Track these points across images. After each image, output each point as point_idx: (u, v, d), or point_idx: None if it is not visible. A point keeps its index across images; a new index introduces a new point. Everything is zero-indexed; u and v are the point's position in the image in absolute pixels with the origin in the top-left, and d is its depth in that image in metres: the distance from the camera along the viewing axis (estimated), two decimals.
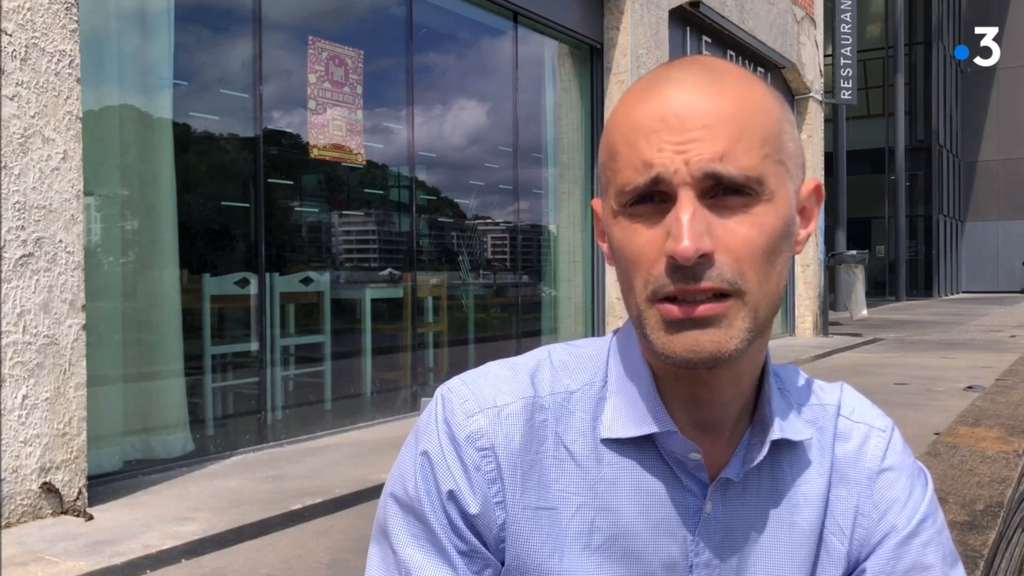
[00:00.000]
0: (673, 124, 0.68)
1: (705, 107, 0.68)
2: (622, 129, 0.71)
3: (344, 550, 3.36)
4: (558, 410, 0.78)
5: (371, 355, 6.12)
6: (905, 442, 0.85)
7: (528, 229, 7.88)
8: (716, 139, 0.67)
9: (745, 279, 0.68)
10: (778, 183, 0.70)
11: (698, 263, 0.66)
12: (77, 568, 2.97)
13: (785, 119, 0.73)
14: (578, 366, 0.81)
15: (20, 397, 3.38)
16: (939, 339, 12.50)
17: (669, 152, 0.67)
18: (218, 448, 4.83)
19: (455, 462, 0.75)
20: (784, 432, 0.78)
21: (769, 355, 0.80)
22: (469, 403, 0.77)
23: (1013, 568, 2.71)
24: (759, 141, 0.69)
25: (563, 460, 0.77)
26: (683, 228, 0.66)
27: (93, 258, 4.21)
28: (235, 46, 5.18)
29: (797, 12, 12.22)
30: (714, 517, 0.77)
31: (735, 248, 0.68)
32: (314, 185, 5.90)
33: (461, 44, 7.27)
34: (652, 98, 0.70)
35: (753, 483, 0.79)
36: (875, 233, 27.68)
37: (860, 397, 0.87)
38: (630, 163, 0.69)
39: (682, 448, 0.75)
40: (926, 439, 4.05)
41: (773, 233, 0.69)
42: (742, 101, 0.70)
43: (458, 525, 0.75)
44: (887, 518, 0.80)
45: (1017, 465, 2.86)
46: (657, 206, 0.69)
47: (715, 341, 0.68)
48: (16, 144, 3.37)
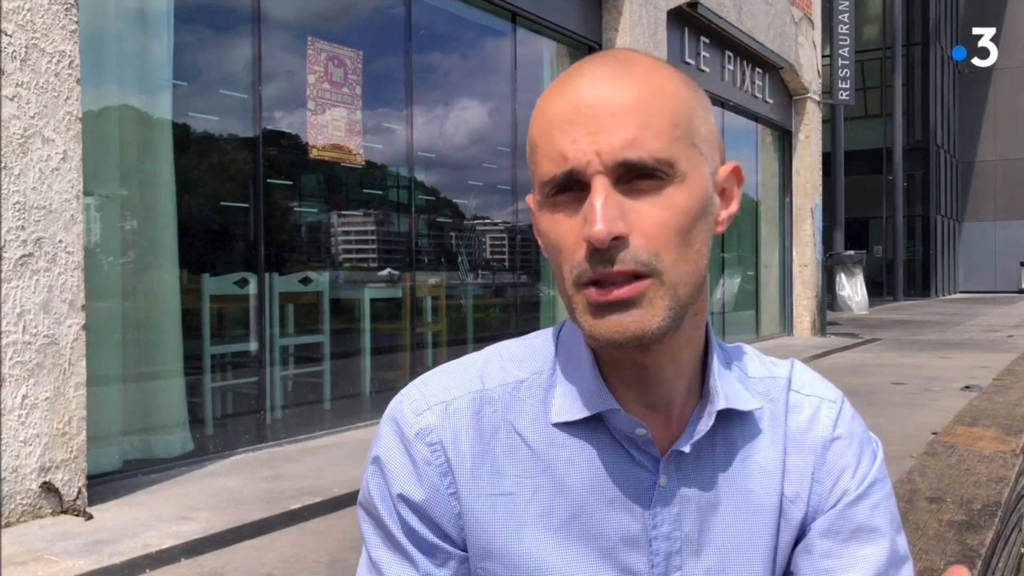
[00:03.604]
0: (585, 114, 0.70)
1: (614, 96, 0.70)
2: (540, 122, 0.74)
3: (343, 549, 3.36)
4: (508, 400, 0.80)
5: (370, 355, 6.13)
6: (856, 412, 0.88)
7: (527, 229, 7.88)
8: (625, 126, 0.69)
9: (660, 259, 0.70)
10: (690, 165, 0.72)
11: (613, 246, 0.69)
12: (77, 567, 2.97)
13: (697, 104, 0.75)
14: (527, 357, 0.84)
15: (20, 397, 3.38)
16: (937, 339, 12.51)
17: (582, 143, 0.70)
18: (217, 448, 4.84)
19: (404, 460, 0.79)
20: (730, 402, 0.80)
21: (712, 330, 0.83)
22: (418, 402, 0.81)
23: (1011, 567, 2.72)
24: (668, 125, 0.71)
25: (516, 447, 0.79)
26: (597, 213, 0.68)
27: (93, 258, 4.22)
28: (235, 46, 5.18)
29: (795, 13, 12.23)
30: (669, 490, 0.79)
31: (648, 230, 0.70)
32: (313, 185, 5.90)
33: (460, 45, 7.28)
34: (566, 91, 0.73)
35: (707, 455, 0.81)
36: (873, 233, 27.69)
37: (810, 372, 0.90)
38: (548, 155, 0.72)
39: (628, 425, 0.78)
40: (924, 439, 4.06)
41: (687, 213, 0.71)
42: (650, 88, 0.72)
43: (411, 524, 0.78)
44: (839, 483, 0.83)
45: (1014, 465, 2.87)
46: (576, 195, 0.71)
47: (637, 321, 0.70)
48: (16, 144, 3.37)
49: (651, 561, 0.78)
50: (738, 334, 11.42)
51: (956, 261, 31.66)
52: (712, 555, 0.80)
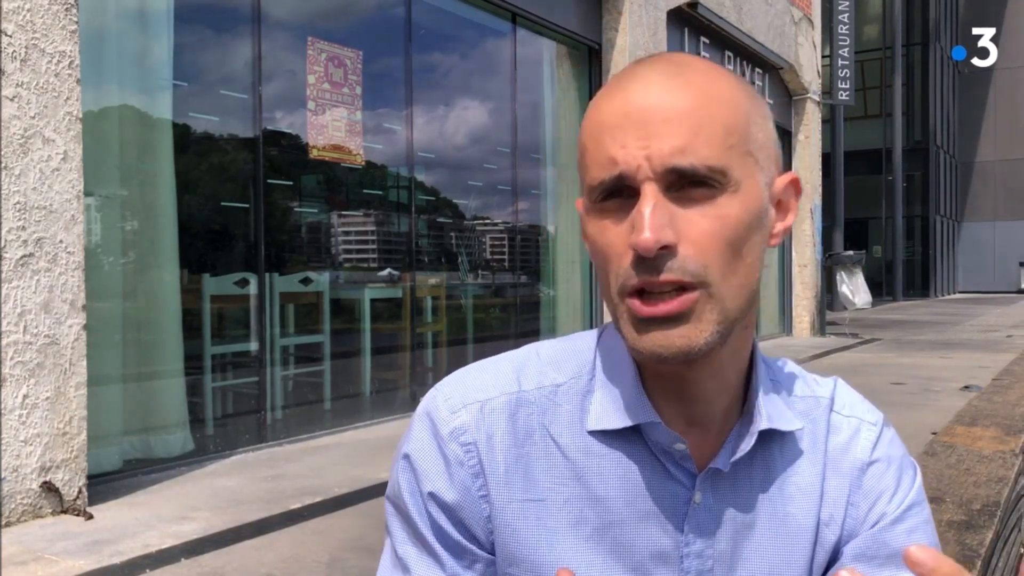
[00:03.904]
0: (636, 119, 0.68)
1: (666, 101, 0.68)
2: (590, 127, 0.72)
3: (343, 549, 3.37)
4: (544, 403, 0.79)
5: (370, 355, 6.13)
6: (896, 435, 0.86)
7: (527, 229, 7.89)
8: (677, 133, 0.67)
9: (709, 271, 0.68)
10: (744, 174, 0.70)
11: (660, 255, 0.67)
12: (77, 567, 2.98)
13: (754, 111, 0.73)
14: (565, 360, 0.81)
15: (21, 397, 3.39)
16: (936, 339, 12.52)
17: (632, 148, 0.68)
18: (218, 447, 4.84)
19: (437, 458, 0.77)
20: (772, 422, 0.78)
21: (757, 346, 0.81)
22: (453, 399, 0.79)
23: (1010, 567, 2.73)
24: (722, 132, 0.68)
25: (551, 453, 0.77)
26: (644, 221, 0.66)
27: (93, 258, 4.22)
28: (235, 47, 5.19)
29: (795, 13, 12.24)
30: (704, 507, 0.77)
31: (698, 240, 0.68)
32: (314, 185, 5.91)
33: (460, 45, 7.28)
34: (617, 96, 0.71)
35: (744, 474, 0.79)
36: (872, 233, 27.70)
37: (852, 392, 0.87)
38: (597, 160, 0.70)
39: (667, 439, 0.76)
40: (923, 439, 4.06)
41: (738, 224, 0.69)
42: (704, 93, 0.69)
43: (440, 523, 0.76)
44: (876, 507, 0.80)
45: (1014, 465, 2.87)
46: (625, 201, 0.69)
47: (684, 336, 0.68)
48: (16, 145, 3.37)
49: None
50: None
51: (955, 261, 31.67)
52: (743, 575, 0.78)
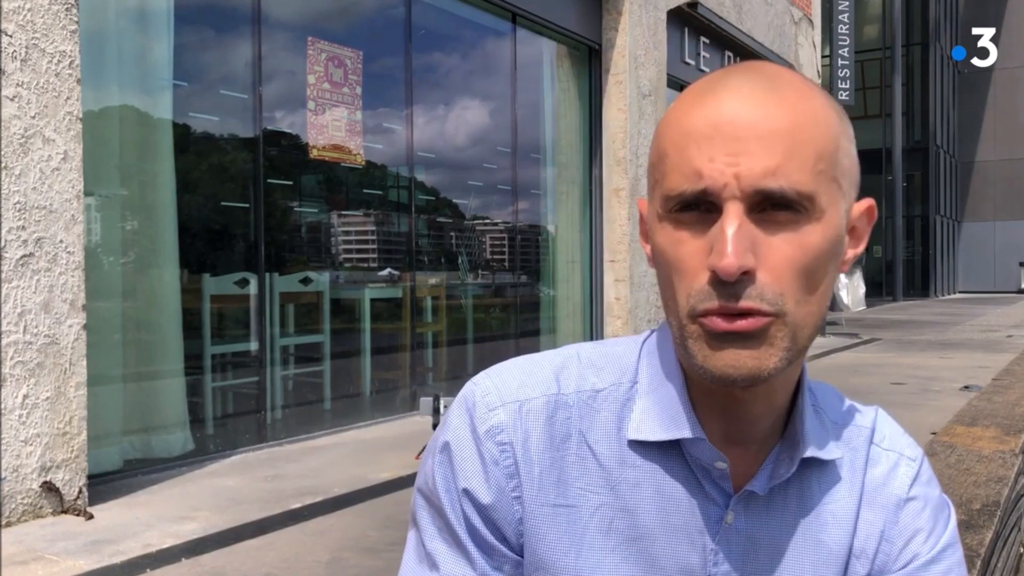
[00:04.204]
0: (726, 133, 0.66)
1: (760, 117, 0.66)
2: (674, 132, 0.69)
3: (343, 549, 3.37)
4: (583, 408, 0.77)
5: (370, 355, 6.13)
6: (933, 474, 0.85)
7: (527, 229, 7.89)
8: (769, 153, 0.65)
9: (785, 300, 0.66)
10: (829, 201, 0.68)
11: (740, 280, 0.65)
12: (77, 567, 2.98)
13: (843, 135, 0.71)
14: (606, 364, 0.80)
15: (21, 396, 3.39)
16: (936, 339, 12.52)
17: (720, 163, 0.65)
18: (218, 447, 4.84)
19: (473, 456, 0.76)
20: (815, 450, 0.77)
21: (805, 371, 0.79)
22: (491, 396, 0.77)
23: (1010, 567, 2.73)
24: (813, 157, 0.66)
25: (585, 459, 0.76)
26: (727, 243, 0.64)
27: (93, 258, 4.22)
28: (235, 46, 5.19)
29: (795, 13, 12.24)
30: (736, 528, 0.76)
31: (777, 267, 0.66)
32: (313, 185, 5.91)
33: (460, 45, 7.29)
34: (707, 103, 0.68)
35: (779, 498, 0.78)
36: (872, 233, 27.68)
37: (893, 423, 0.86)
38: (679, 169, 0.68)
39: (709, 456, 0.75)
40: (923, 439, 4.07)
41: (819, 253, 0.67)
42: (799, 113, 0.67)
43: (473, 521, 0.75)
44: (910, 546, 0.80)
45: (1013, 464, 2.87)
46: (703, 215, 0.67)
47: (756, 358, 0.67)
48: (17, 144, 3.38)
49: None
50: None
51: (955, 261, 31.67)
52: None
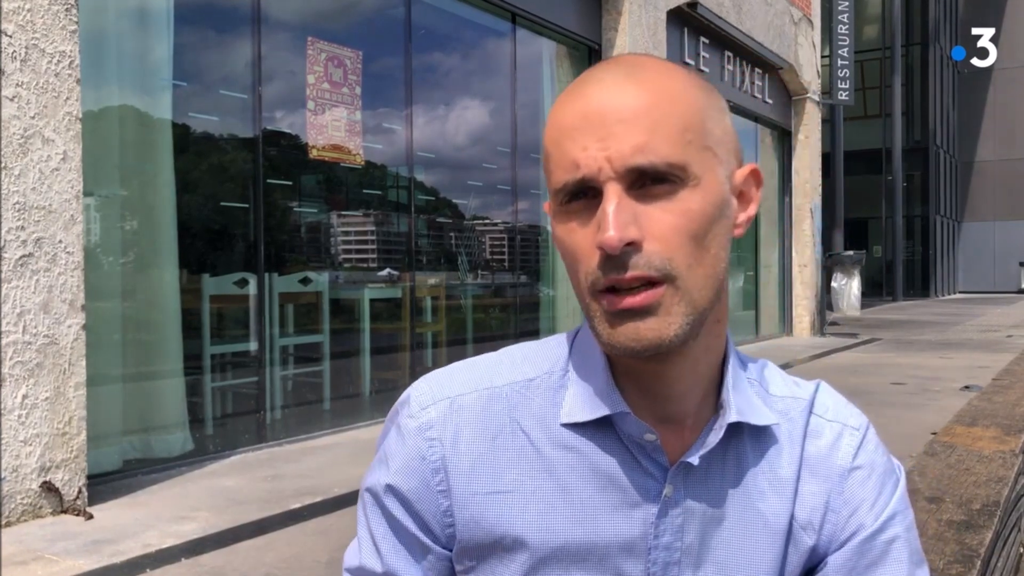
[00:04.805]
0: (594, 121, 0.70)
1: (622, 102, 0.70)
2: (552, 130, 0.74)
3: (342, 549, 3.34)
4: (515, 397, 0.80)
5: (370, 355, 6.13)
6: (880, 441, 0.85)
7: (526, 229, 7.89)
8: (634, 132, 0.69)
9: (674, 265, 0.69)
10: (704, 168, 0.71)
11: (625, 252, 0.68)
12: (77, 567, 2.98)
13: (710, 105, 0.74)
14: (539, 356, 0.83)
15: (20, 397, 3.39)
16: (936, 339, 12.52)
17: (593, 150, 0.69)
18: (217, 447, 4.84)
19: (401, 452, 0.81)
20: (743, 415, 0.78)
21: (731, 342, 0.81)
22: (424, 396, 0.83)
23: (1010, 567, 2.73)
24: (679, 129, 0.70)
25: (521, 446, 0.79)
26: (608, 220, 0.68)
27: (93, 258, 4.22)
28: (235, 47, 5.19)
29: (794, 13, 12.24)
30: (674, 500, 0.78)
31: (662, 234, 0.69)
32: (313, 185, 5.91)
33: (460, 45, 7.28)
34: (575, 98, 0.72)
35: (717, 469, 0.79)
36: (872, 233, 27.70)
37: (836, 395, 0.87)
38: (560, 164, 0.72)
39: (637, 430, 0.77)
40: (923, 439, 4.06)
41: (701, 217, 0.71)
42: (658, 91, 0.71)
43: (395, 515, 0.81)
44: (856, 516, 0.81)
45: (1013, 464, 2.88)
46: (589, 202, 0.71)
47: (654, 329, 0.70)
48: (16, 145, 3.37)
49: (648, 570, 0.77)
50: (737, 334, 11.43)
51: (955, 261, 31.67)
52: (711, 569, 0.79)
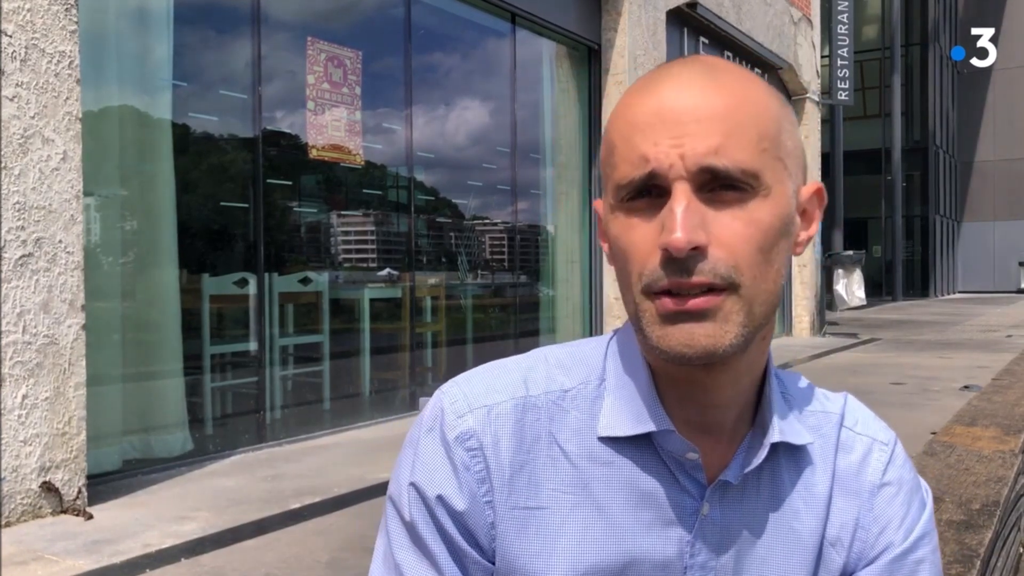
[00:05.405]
0: (668, 119, 0.68)
1: (700, 102, 0.68)
2: (620, 125, 0.72)
3: (343, 549, 3.37)
4: (552, 408, 0.77)
5: (370, 355, 6.13)
6: (907, 456, 0.85)
7: (526, 229, 7.89)
8: (711, 133, 0.67)
9: (739, 274, 0.67)
10: (775, 179, 0.70)
11: (691, 256, 0.66)
12: (77, 567, 2.98)
13: (784, 118, 0.73)
14: (574, 364, 0.80)
15: (20, 397, 3.39)
16: (935, 339, 12.52)
17: (665, 146, 0.67)
18: (217, 447, 4.84)
19: (445, 463, 0.76)
20: (784, 435, 0.77)
21: (771, 358, 0.80)
22: (459, 403, 0.77)
23: (1009, 567, 2.73)
24: (755, 136, 0.69)
25: (556, 459, 0.76)
26: (676, 220, 0.66)
27: (93, 258, 4.22)
28: (235, 47, 5.19)
29: (794, 13, 12.24)
30: (711, 519, 0.76)
31: (729, 242, 0.67)
32: (313, 185, 5.91)
33: (459, 45, 7.29)
34: (649, 94, 0.71)
35: (752, 487, 0.78)
36: (872, 233, 27.71)
37: (864, 408, 0.87)
38: (627, 158, 0.70)
39: (680, 448, 0.75)
40: (922, 439, 4.06)
41: (769, 229, 0.69)
42: (737, 97, 0.70)
43: (448, 529, 0.75)
44: (885, 533, 0.80)
45: (1013, 464, 2.88)
46: (654, 200, 0.69)
47: (710, 335, 0.67)
48: (16, 145, 3.37)
49: None
50: None
51: (955, 261, 31.67)
52: None
